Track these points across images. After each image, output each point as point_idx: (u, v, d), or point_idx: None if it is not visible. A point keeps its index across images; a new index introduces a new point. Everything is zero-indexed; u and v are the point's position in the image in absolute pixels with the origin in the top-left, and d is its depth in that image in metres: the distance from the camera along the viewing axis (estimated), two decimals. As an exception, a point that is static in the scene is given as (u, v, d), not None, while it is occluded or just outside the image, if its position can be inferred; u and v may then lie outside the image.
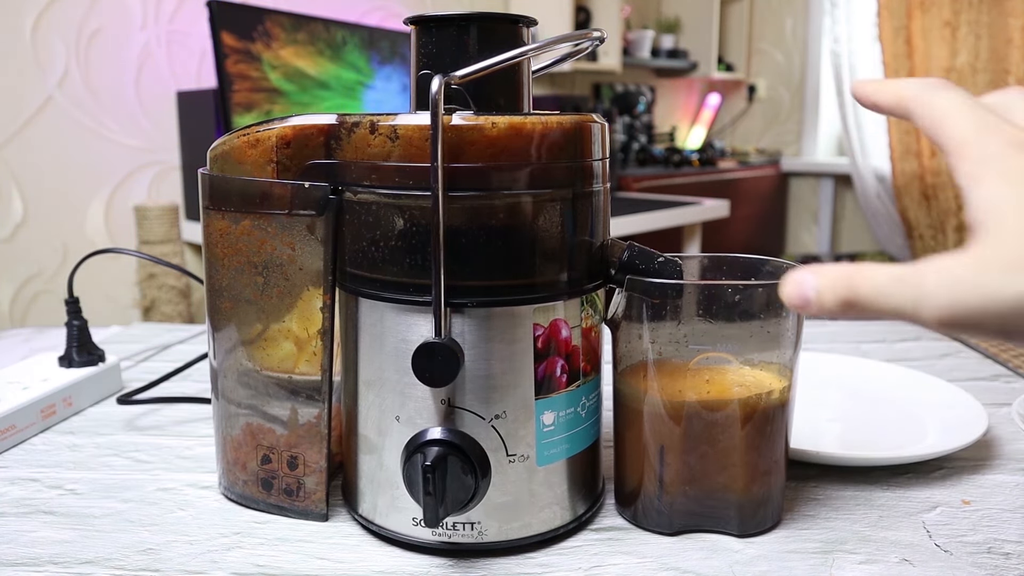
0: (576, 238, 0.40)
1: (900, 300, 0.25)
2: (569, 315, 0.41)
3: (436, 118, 0.36)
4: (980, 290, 0.23)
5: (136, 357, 0.77)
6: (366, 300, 0.40)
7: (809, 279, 0.27)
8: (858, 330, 0.85)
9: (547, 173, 0.38)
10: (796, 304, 0.28)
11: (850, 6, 3.01)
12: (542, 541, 0.42)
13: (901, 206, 2.82)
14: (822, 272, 0.27)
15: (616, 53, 2.72)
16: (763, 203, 3.20)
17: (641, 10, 3.25)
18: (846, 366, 0.66)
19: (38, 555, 0.41)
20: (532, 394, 0.40)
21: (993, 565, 0.40)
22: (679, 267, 0.42)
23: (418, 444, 0.39)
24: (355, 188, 0.39)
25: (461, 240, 0.38)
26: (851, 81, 2.94)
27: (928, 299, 0.24)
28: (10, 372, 0.62)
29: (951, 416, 0.55)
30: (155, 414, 0.61)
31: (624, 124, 3.01)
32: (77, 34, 1.69)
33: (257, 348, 0.44)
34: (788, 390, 0.42)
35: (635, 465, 0.43)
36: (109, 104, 1.76)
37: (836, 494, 0.47)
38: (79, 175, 1.75)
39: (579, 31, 0.46)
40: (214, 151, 0.43)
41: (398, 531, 0.42)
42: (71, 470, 0.51)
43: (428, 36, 0.41)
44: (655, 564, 0.40)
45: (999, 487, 0.48)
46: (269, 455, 0.45)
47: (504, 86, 0.41)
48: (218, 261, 0.44)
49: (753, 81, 3.50)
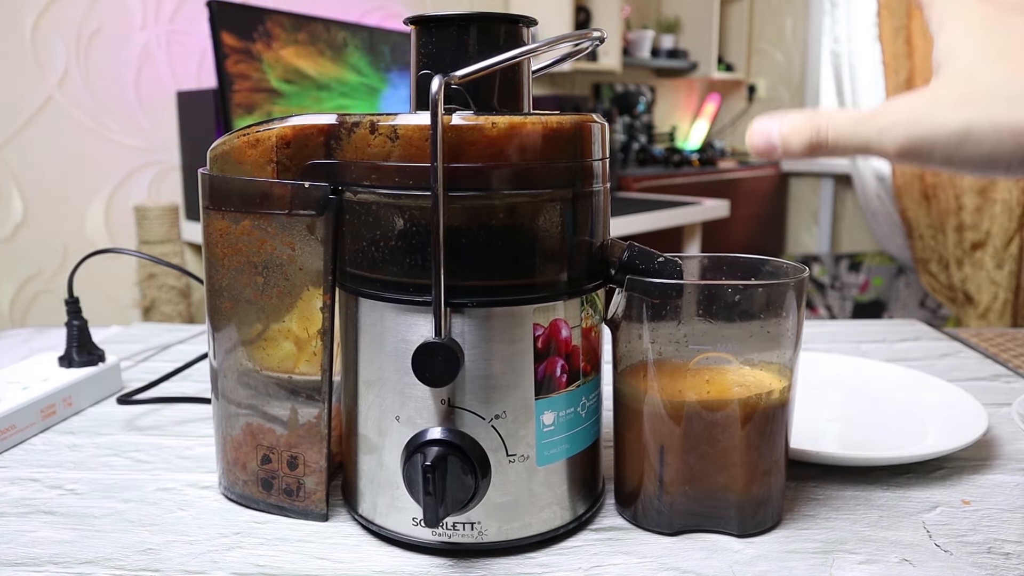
0: (576, 238, 0.40)
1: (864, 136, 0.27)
2: (569, 315, 0.41)
3: (436, 118, 0.36)
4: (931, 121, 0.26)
5: (136, 357, 0.77)
6: (366, 300, 0.40)
7: (774, 125, 0.29)
8: (858, 330, 0.85)
9: (547, 173, 0.38)
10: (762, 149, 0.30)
11: (850, 6, 3.01)
12: (542, 541, 0.42)
13: (901, 206, 2.82)
14: (787, 118, 0.29)
15: (616, 53, 2.72)
16: (763, 203, 3.20)
17: (641, 10, 3.25)
18: (846, 366, 0.66)
19: (38, 555, 0.41)
20: (532, 394, 0.40)
21: (993, 565, 0.40)
22: (679, 267, 0.42)
23: (418, 444, 0.39)
24: (355, 188, 0.39)
25: (461, 240, 0.38)
26: (851, 80, 2.95)
27: (888, 131, 0.27)
28: (10, 372, 0.62)
29: (951, 416, 0.55)
30: (155, 414, 0.61)
31: (624, 124, 3.01)
32: (77, 34, 1.69)
33: (257, 348, 0.44)
34: (788, 390, 0.42)
35: (635, 465, 0.43)
36: (109, 104, 1.76)
37: (836, 494, 0.47)
38: (79, 175, 1.75)
39: (579, 31, 0.46)
40: (214, 151, 0.43)
41: (398, 531, 0.42)
42: (71, 470, 0.51)
43: (428, 36, 0.41)
44: (655, 564, 0.40)
45: (999, 487, 0.48)
46: (269, 455, 0.45)
47: (504, 86, 0.41)
48: (218, 261, 0.44)
49: (753, 81, 3.50)
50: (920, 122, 0.26)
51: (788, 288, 0.41)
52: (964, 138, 0.26)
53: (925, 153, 0.26)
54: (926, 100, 0.27)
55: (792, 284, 0.41)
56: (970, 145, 0.26)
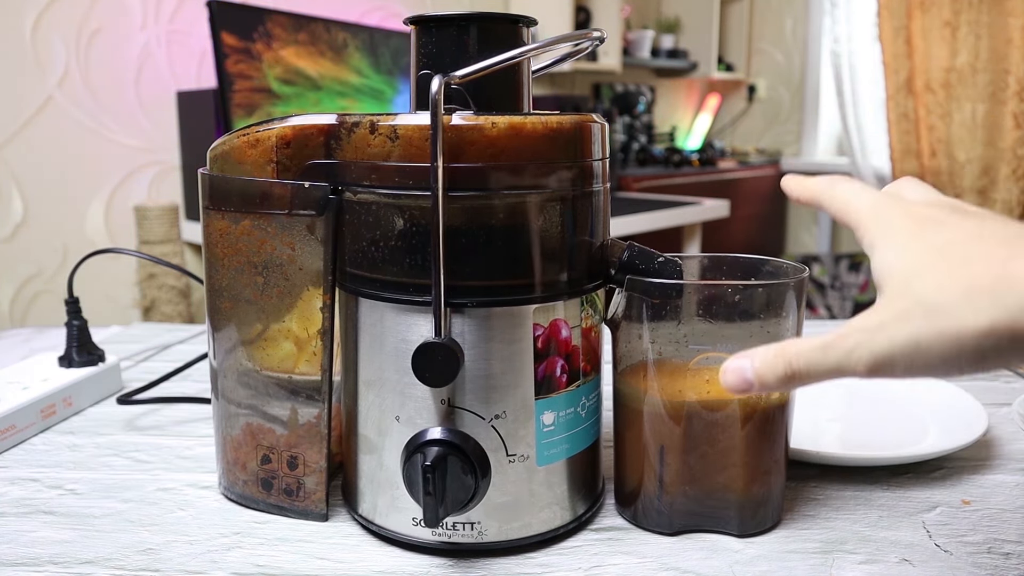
0: (576, 238, 0.40)
1: (832, 363, 0.29)
2: (569, 315, 0.41)
3: (436, 118, 0.36)
4: (883, 340, 0.28)
5: (136, 357, 0.77)
6: (366, 300, 0.40)
7: (746, 364, 0.31)
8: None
9: (547, 173, 0.38)
10: (740, 390, 0.31)
11: (850, 6, 3.01)
12: (542, 541, 0.42)
13: (901, 206, 2.82)
14: (756, 355, 0.31)
15: (616, 53, 2.72)
16: (763, 203, 3.20)
17: (641, 10, 3.25)
18: (846, 366, 0.66)
19: (38, 555, 0.41)
20: (532, 394, 0.40)
21: (993, 565, 0.40)
22: (679, 267, 0.42)
23: (418, 444, 0.39)
24: (355, 188, 0.39)
25: (461, 240, 0.38)
26: (851, 80, 2.96)
27: (852, 354, 0.28)
28: (10, 372, 0.62)
29: (951, 416, 0.55)
30: (155, 414, 0.61)
31: (624, 124, 3.01)
32: (77, 34, 1.69)
33: (257, 348, 0.44)
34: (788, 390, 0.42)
35: (635, 465, 0.43)
36: (109, 104, 1.76)
37: (836, 494, 0.47)
38: (79, 175, 1.75)
39: (579, 31, 0.46)
40: (214, 151, 0.43)
41: (398, 531, 0.42)
42: (71, 470, 0.51)
43: (428, 36, 0.41)
44: (655, 564, 0.40)
45: (999, 487, 0.48)
46: (269, 455, 0.45)
47: (504, 86, 0.41)
48: (218, 261, 0.44)
49: (753, 81, 3.50)
50: (875, 342, 0.28)
51: (788, 288, 0.41)
52: (915, 350, 0.27)
53: (888, 368, 0.28)
54: (876, 321, 0.28)
55: (792, 284, 0.41)
56: (922, 355, 0.27)
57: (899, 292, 0.28)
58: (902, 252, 0.29)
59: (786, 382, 0.30)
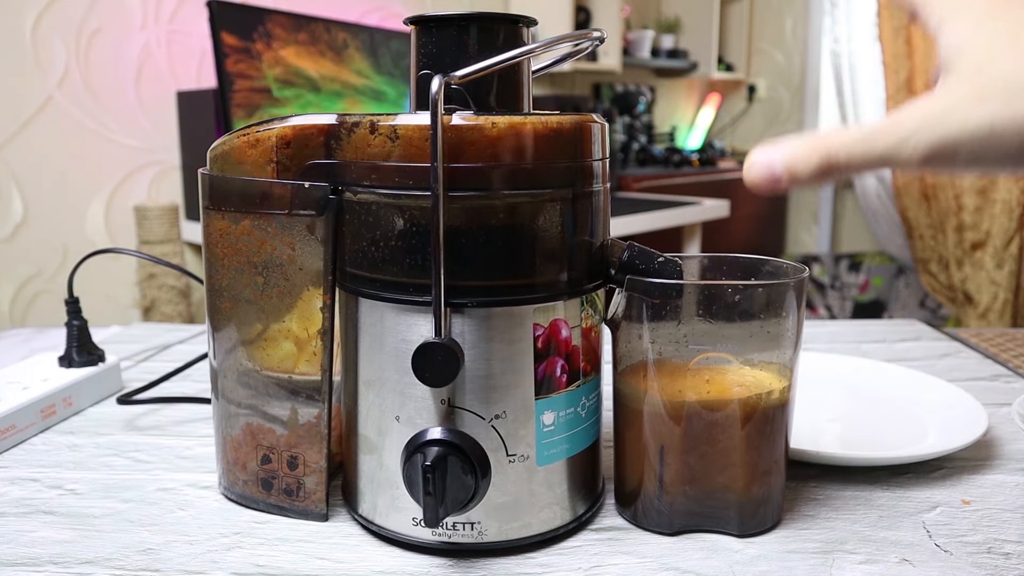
0: (576, 238, 0.40)
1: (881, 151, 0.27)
2: (569, 315, 0.41)
3: (436, 118, 0.36)
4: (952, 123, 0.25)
5: (136, 357, 0.77)
6: (366, 300, 0.40)
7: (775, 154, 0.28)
8: (858, 330, 0.85)
9: (547, 173, 0.38)
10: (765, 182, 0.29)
11: (850, 6, 3.01)
12: (542, 541, 0.42)
13: (901, 206, 2.82)
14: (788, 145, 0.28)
15: (616, 53, 2.72)
16: (763, 203, 3.20)
17: (641, 10, 3.25)
18: (846, 366, 0.66)
19: (38, 555, 0.41)
20: (532, 394, 0.40)
21: (993, 565, 0.40)
22: (679, 267, 0.42)
23: (418, 444, 0.39)
24: (355, 188, 0.39)
25: (461, 240, 0.38)
26: (851, 80, 2.95)
27: (910, 140, 0.26)
28: (10, 372, 0.62)
29: (951, 416, 0.55)
30: (155, 414, 0.61)
31: (624, 124, 3.00)
32: (77, 34, 1.69)
33: (257, 348, 0.44)
34: (788, 390, 0.42)
35: (635, 465, 0.43)
36: (109, 104, 1.76)
37: (836, 494, 0.47)
38: (79, 175, 1.75)
39: (579, 31, 0.46)
40: (214, 151, 0.43)
41: (398, 531, 0.42)
42: (71, 470, 0.51)
43: (428, 36, 0.41)
44: (655, 564, 0.40)
45: (999, 487, 0.48)
46: (269, 455, 0.45)
47: (504, 86, 0.41)
48: (218, 261, 0.44)
49: (753, 81, 3.50)
50: (941, 126, 0.26)
51: (788, 288, 0.41)
52: (988, 136, 0.25)
53: (950, 156, 0.26)
54: (944, 103, 0.26)
55: (792, 284, 0.41)
56: (995, 143, 0.25)
57: (972, 73, 0.26)
58: (977, 29, 0.27)
59: (822, 175, 0.28)
